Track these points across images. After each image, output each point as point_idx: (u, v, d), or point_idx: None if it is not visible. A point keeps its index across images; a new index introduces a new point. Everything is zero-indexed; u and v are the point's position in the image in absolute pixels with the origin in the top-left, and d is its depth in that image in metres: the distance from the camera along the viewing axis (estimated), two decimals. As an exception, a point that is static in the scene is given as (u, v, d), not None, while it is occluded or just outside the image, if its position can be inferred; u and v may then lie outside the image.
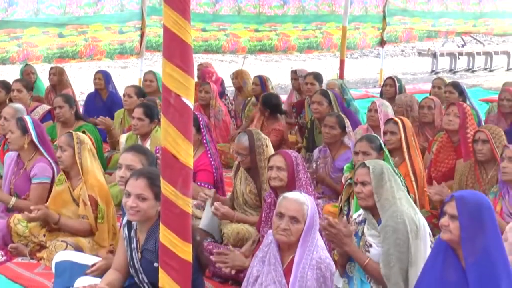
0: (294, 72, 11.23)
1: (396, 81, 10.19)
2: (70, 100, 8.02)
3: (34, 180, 6.23)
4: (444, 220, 4.02)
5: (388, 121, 6.80)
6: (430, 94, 9.86)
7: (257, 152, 6.07)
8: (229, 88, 12.94)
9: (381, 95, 10.35)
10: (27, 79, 10.29)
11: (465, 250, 3.94)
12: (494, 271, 3.88)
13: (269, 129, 8.86)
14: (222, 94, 10.95)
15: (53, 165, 6.32)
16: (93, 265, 5.05)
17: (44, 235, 5.90)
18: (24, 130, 6.33)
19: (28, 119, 6.48)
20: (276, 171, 5.28)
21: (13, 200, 6.21)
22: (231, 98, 11.67)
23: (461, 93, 9.24)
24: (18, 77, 10.39)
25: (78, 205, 5.85)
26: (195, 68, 11.70)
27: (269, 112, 9.16)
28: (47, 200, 6.08)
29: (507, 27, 19.47)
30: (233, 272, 5.29)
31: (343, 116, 7.51)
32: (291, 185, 5.17)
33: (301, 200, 4.28)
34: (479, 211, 3.95)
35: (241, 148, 6.12)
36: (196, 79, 11.03)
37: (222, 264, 5.28)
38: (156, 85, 9.68)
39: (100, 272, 4.95)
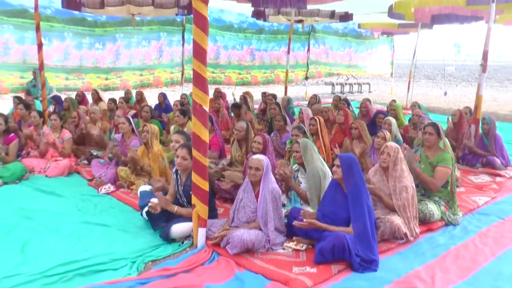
0: (264, 93, 11.04)
1: (316, 96, 10.12)
2: (152, 110, 8.16)
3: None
4: (334, 168, 4.05)
5: (311, 119, 6.74)
6: (331, 105, 9.82)
7: (249, 131, 5.99)
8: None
9: (308, 104, 10.29)
10: (127, 96, 10.18)
11: (345, 183, 3.97)
12: (359, 192, 3.90)
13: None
14: (228, 107, 10.78)
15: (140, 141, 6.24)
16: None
17: (133, 178, 5.86)
18: (130, 123, 6.33)
19: (130, 118, 6.46)
20: (257, 144, 5.23)
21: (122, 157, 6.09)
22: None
23: (348, 104, 9.24)
24: (122, 96, 10.24)
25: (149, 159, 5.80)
26: (212, 91, 11.59)
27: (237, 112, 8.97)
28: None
29: (364, 73, 20.13)
30: (231, 187, 5.31)
31: (286, 116, 7.48)
32: (263, 152, 5.10)
33: (260, 158, 4.21)
34: (350, 163, 3.97)
35: (240, 127, 6.04)
36: (212, 96, 10.92)
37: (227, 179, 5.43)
38: (187, 100, 9.54)
39: (159, 189, 4.96)
